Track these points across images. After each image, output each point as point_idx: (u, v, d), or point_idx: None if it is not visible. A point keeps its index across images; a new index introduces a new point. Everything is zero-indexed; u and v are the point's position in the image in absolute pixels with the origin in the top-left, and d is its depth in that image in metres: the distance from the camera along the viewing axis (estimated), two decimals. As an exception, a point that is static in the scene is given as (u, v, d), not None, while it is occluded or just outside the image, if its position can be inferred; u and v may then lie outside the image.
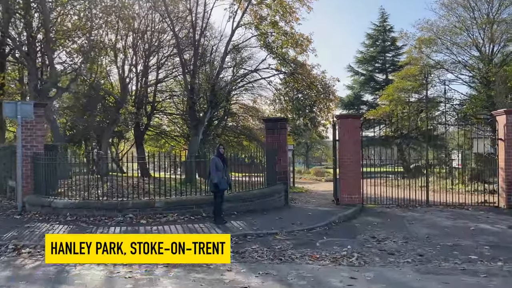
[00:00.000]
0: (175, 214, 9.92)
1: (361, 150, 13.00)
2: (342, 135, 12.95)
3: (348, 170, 12.89)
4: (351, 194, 12.89)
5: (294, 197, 16.55)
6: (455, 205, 12.74)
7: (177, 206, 10.15)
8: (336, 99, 20.57)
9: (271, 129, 13.23)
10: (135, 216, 9.76)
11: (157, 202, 10.11)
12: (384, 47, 37.91)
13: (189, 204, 10.31)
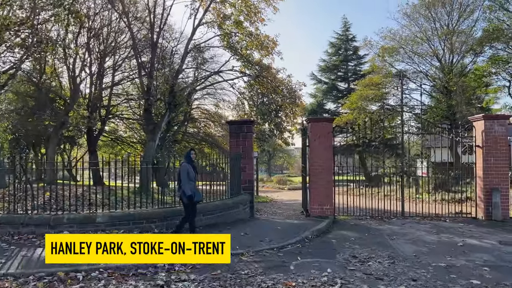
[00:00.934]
0: (121, 230, 8.17)
1: (333, 156, 11.75)
2: (313, 140, 11.67)
3: (319, 178, 11.60)
4: (322, 205, 11.59)
5: (259, 207, 15.11)
6: (432, 217, 11.73)
7: (124, 221, 8.41)
8: (302, 104, 19.43)
9: (236, 133, 11.75)
10: (71, 233, 7.90)
11: (99, 217, 8.32)
12: (347, 56, 37.51)
13: (139, 219, 8.58)
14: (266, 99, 18.14)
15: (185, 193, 8.04)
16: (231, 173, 11.30)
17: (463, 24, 28.42)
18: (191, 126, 29.45)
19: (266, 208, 14.92)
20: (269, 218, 11.67)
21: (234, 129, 11.78)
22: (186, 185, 8.06)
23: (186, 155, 8.61)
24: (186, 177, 8.09)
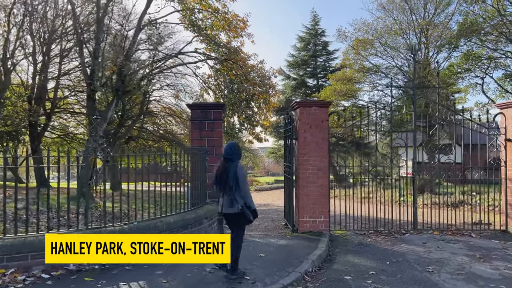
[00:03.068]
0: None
1: (329, 152, 8.65)
2: (303, 132, 8.52)
3: (311, 183, 8.48)
4: (315, 217, 8.47)
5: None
6: (451, 230, 8.89)
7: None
8: (277, 94, 16.33)
9: (200, 121, 8.40)
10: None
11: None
12: (316, 52, 34.87)
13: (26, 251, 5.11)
14: (236, 87, 14.86)
15: (250, 206, 5.28)
16: (192, 176, 7.96)
17: (439, 17, 26.42)
18: (150, 122, 25.72)
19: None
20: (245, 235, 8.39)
21: (197, 116, 8.42)
22: (249, 195, 5.34)
23: (237, 149, 5.57)
24: (246, 182, 5.40)
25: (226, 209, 5.33)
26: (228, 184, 5.23)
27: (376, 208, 8.86)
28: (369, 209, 8.99)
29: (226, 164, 5.36)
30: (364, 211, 9.03)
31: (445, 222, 9.24)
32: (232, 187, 5.18)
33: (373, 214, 9.04)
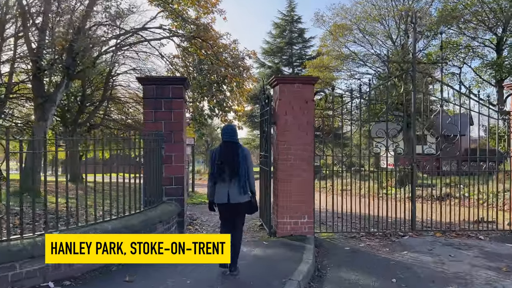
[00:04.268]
0: None
1: (314, 139, 7.02)
2: (283, 114, 6.86)
3: (292, 176, 6.85)
4: (297, 218, 6.86)
5: (195, 213, 10.08)
6: (454, 231, 7.48)
7: None
8: (252, 78, 14.57)
9: (155, 99, 6.59)
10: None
11: None
12: (292, 39, 33.31)
13: None
14: (206, 68, 13.02)
15: (255, 193, 5.00)
16: (146, 168, 6.18)
17: (419, 3, 25.20)
18: (116, 110, 23.49)
19: (206, 216, 9.91)
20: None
21: (151, 93, 6.60)
22: (253, 181, 4.94)
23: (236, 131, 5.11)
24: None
25: (235, 199, 4.70)
26: (236, 171, 4.70)
27: (360, 203, 7.35)
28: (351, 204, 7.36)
29: (231, 148, 4.80)
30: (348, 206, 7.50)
31: (443, 220, 7.80)
32: (243, 173, 4.72)
33: (359, 210, 7.51)
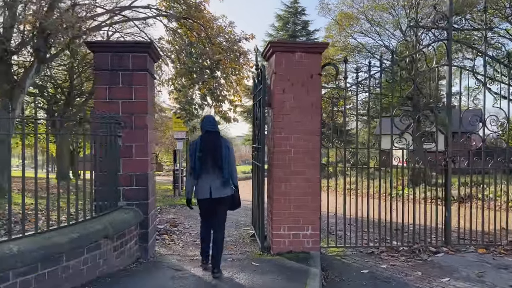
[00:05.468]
0: None
1: (321, 125, 5.27)
2: (280, 92, 5.12)
3: (292, 174, 5.12)
4: (298, 229, 5.13)
5: (179, 218, 8.38)
6: (499, 245, 5.72)
7: None
8: (250, 64, 12.81)
9: (111, 72, 4.87)
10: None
11: None
12: (295, 31, 31.47)
13: None
14: (198, 51, 11.29)
15: (238, 187, 4.59)
16: (95, 164, 4.49)
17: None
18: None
19: (191, 220, 8.19)
20: (183, 264, 4.91)
21: (104, 63, 4.88)
22: (235, 174, 4.52)
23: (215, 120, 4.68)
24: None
25: (217, 193, 4.33)
26: (220, 162, 4.31)
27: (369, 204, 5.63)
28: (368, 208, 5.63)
29: (213, 138, 4.42)
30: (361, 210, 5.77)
31: (477, 228, 6.02)
32: (226, 165, 4.32)
33: (373, 214, 5.78)
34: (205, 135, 4.41)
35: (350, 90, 5.75)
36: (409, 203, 5.93)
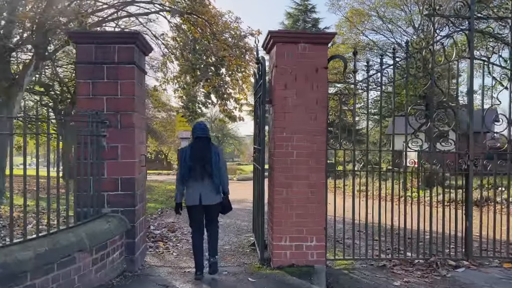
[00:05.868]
0: None
1: (326, 125, 4.71)
2: (281, 88, 4.58)
3: (293, 178, 4.57)
4: (301, 240, 4.59)
5: (179, 222, 7.88)
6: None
7: None
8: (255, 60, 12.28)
9: (95, 65, 4.39)
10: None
11: None
12: (305, 29, 30.78)
13: None
14: (202, 47, 10.80)
15: (228, 193, 4.52)
16: (76, 164, 4.03)
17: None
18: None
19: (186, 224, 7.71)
20: (173, 279, 4.41)
21: (88, 55, 4.40)
22: (226, 181, 4.53)
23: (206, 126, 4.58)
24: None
25: (207, 200, 4.29)
26: (209, 169, 4.26)
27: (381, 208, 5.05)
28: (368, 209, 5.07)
29: (202, 145, 4.35)
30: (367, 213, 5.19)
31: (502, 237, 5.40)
32: (216, 172, 4.28)
33: (385, 220, 5.20)
34: (195, 142, 4.39)
35: (360, 86, 5.18)
36: (425, 206, 5.35)
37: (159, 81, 13.93)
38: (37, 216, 3.42)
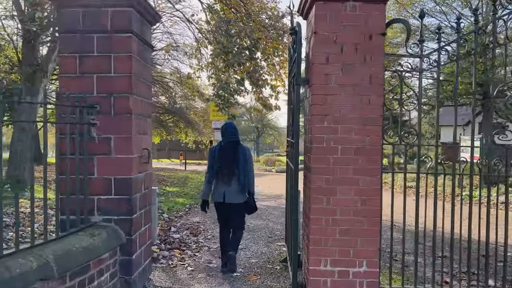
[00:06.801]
0: None
1: (383, 111, 3.47)
2: (322, 62, 3.38)
3: (336, 183, 3.38)
4: (346, 264, 3.40)
5: (205, 222, 6.90)
6: None
7: None
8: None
9: (83, 35, 3.41)
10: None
11: None
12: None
13: None
14: (235, 29, 9.70)
15: (254, 193, 4.54)
16: (58, 161, 3.10)
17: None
18: (160, 92, 21.11)
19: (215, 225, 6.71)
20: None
21: (75, 22, 3.44)
22: (253, 181, 4.51)
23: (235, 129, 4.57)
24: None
25: (231, 199, 4.35)
26: (235, 172, 4.34)
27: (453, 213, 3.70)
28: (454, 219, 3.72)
29: (231, 147, 4.41)
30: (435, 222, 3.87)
31: None
32: (241, 175, 4.33)
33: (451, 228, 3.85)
34: (224, 144, 4.44)
35: (428, 61, 3.83)
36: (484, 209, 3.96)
37: (193, 68, 13.06)
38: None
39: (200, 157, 37.42)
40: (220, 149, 4.42)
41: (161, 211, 7.87)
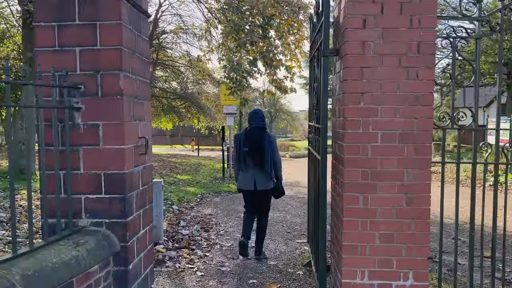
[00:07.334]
0: None
1: (433, 88, 2.76)
2: (357, 25, 2.67)
3: (374, 179, 2.70)
4: (389, 277, 2.74)
5: (217, 214, 6.33)
6: None
7: None
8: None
9: (60, 2, 2.76)
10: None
11: None
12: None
13: None
14: (247, 5, 8.93)
15: (281, 178, 4.51)
16: (38, 153, 2.50)
17: None
18: (171, 77, 20.51)
19: (228, 218, 6.13)
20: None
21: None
22: (279, 166, 4.45)
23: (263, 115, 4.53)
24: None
25: (261, 185, 4.29)
26: (262, 158, 4.27)
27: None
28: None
29: (257, 134, 4.32)
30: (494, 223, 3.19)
31: None
32: (268, 160, 4.26)
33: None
34: (250, 130, 4.37)
35: (487, 23, 3.08)
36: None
37: (203, 51, 12.35)
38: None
39: (214, 142, 36.89)
40: (246, 135, 4.37)
41: (171, 202, 7.30)
